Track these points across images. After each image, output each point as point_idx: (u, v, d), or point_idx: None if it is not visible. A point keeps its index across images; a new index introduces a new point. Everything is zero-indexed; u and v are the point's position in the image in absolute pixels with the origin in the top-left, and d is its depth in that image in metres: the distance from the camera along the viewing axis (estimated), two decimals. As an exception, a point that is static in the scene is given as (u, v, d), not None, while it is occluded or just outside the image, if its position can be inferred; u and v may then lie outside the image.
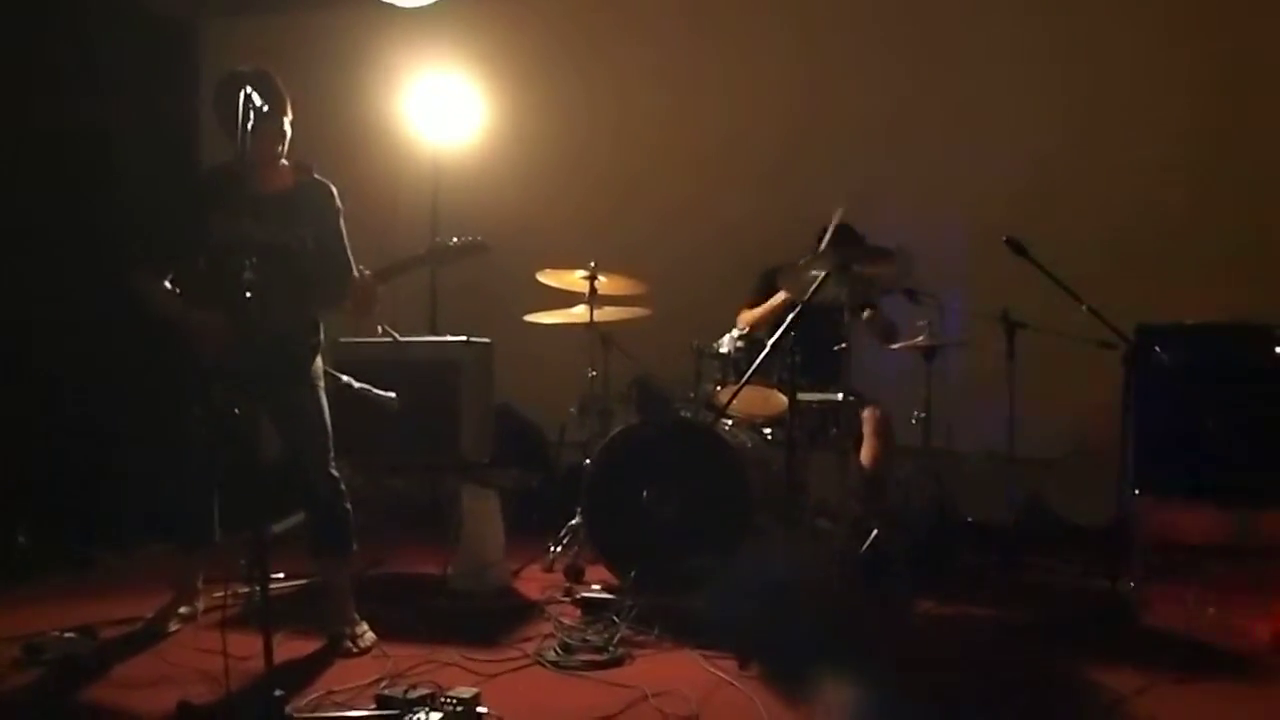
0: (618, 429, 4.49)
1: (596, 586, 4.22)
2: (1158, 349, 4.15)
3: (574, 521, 4.73)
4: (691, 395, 4.77)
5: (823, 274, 4.17)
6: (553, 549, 4.78)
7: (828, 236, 4.64)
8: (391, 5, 5.08)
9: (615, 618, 3.76)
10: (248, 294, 3.04)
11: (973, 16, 5.82)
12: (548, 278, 4.99)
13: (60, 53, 5.69)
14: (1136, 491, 4.42)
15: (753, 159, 6.07)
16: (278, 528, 4.44)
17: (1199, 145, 5.41)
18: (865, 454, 4.77)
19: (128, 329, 3.93)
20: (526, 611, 4.11)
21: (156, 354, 3.68)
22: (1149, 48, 5.52)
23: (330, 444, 3.73)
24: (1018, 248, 4.15)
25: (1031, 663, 3.64)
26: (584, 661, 3.47)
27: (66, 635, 3.59)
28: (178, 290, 3.60)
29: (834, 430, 4.75)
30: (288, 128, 3.61)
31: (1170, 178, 5.40)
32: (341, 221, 3.77)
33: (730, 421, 4.64)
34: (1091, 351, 4.27)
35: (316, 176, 3.77)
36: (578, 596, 4.12)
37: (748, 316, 4.94)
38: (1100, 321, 4.07)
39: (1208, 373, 4.30)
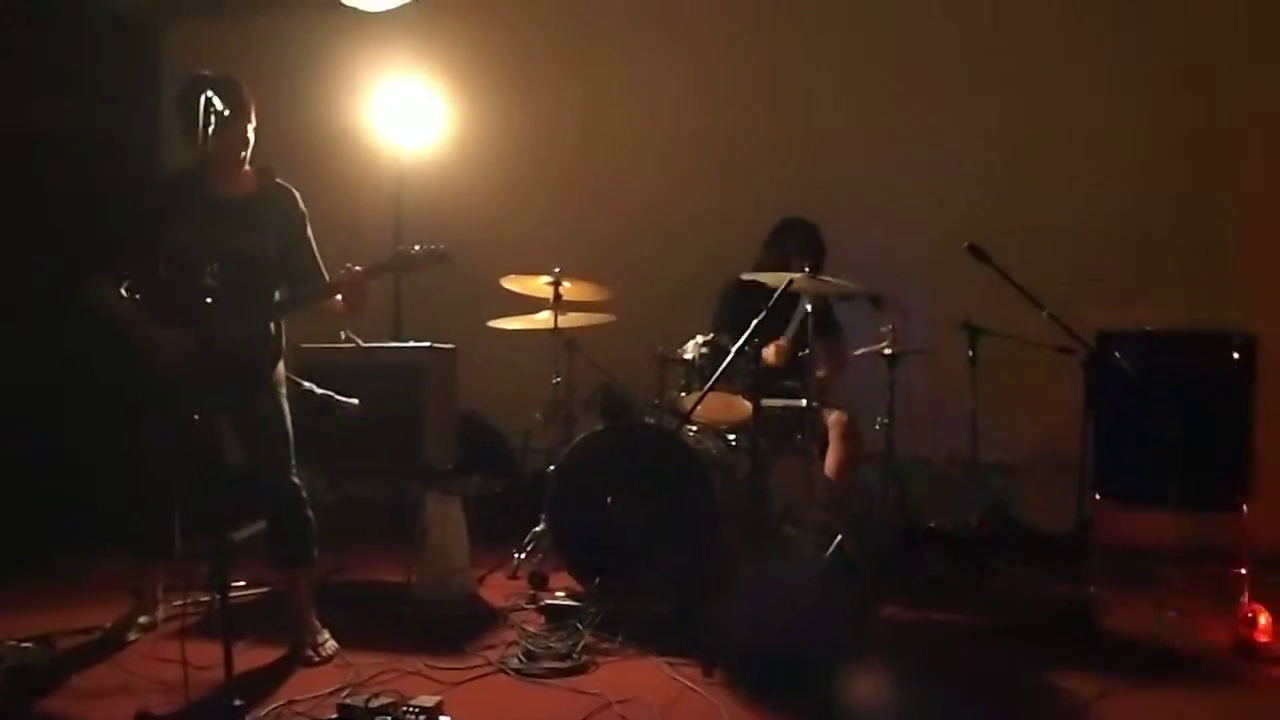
0: (581, 435, 4.49)
1: (561, 593, 4.22)
2: (1117, 355, 4.19)
3: (538, 528, 4.71)
4: (656, 401, 4.76)
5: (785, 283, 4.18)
6: (517, 556, 4.76)
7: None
8: (355, 9, 5.05)
9: (579, 625, 3.75)
10: (208, 300, 3.03)
11: (937, 25, 5.85)
12: (512, 283, 4.99)
13: (19, 52, 5.62)
14: (1097, 496, 4.47)
15: (717, 167, 6.08)
16: (239, 535, 4.40)
17: (1160, 155, 5.45)
18: (831, 460, 4.78)
19: (89, 335, 3.87)
20: (490, 619, 4.10)
21: (118, 360, 3.62)
22: (1110, 56, 5.58)
23: (291, 450, 3.70)
24: (980, 254, 4.18)
25: (994, 668, 3.66)
26: (548, 669, 3.47)
27: (23, 645, 3.53)
28: (137, 296, 3.55)
29: (799, 436, 4.76)
30: (251, 134, 3.58)
31: (1130, 187, 5.46)
32: (308, 226, 3.77)
33: (695, 428, 4.64)
34: (1053, 358, 4.31)
35: (279, 181, 3.75)
36: (542, 604, 4.11)
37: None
38: (1061, 328, 4.11)
39: (1167, 379, 4.36)
